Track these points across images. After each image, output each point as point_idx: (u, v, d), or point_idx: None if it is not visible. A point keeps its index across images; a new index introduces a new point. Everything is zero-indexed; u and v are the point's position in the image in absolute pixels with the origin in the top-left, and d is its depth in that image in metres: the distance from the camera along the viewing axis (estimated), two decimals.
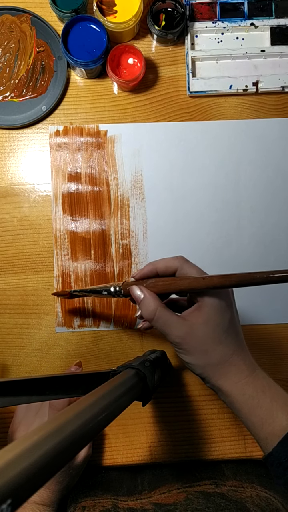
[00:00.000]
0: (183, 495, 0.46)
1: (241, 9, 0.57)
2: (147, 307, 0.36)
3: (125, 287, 0.40)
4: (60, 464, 0.22)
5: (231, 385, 0.36)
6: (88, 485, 0.51)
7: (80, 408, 0.27)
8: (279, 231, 0.58)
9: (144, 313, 0.37)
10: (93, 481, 0.52)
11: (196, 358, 0.36)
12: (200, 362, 0.36)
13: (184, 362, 0.38)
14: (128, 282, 0.40)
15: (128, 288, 0.39)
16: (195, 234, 0.58)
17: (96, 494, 0.49)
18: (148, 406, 0.56)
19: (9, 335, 0.57)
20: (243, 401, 0.35)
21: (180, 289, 0.36)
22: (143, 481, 0.53)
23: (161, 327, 0.36)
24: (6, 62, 0.56)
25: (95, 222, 0.58)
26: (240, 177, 0.58)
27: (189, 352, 0.36)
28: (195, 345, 0.36)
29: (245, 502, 0.44)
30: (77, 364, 0.53)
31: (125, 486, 0.51)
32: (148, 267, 0.38)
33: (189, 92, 0.57)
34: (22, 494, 0.19)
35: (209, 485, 0.49)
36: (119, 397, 0.31)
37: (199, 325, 0.35)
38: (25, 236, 0.57)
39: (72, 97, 0.58)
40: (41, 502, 0.44)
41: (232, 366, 0.36)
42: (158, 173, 0.58)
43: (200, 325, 0.35)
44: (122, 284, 0.41)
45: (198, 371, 0.37)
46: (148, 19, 0.55)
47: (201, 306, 0.36)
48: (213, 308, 0.35)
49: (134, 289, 0.38)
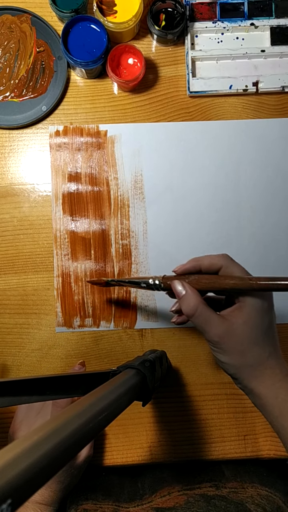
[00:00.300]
0: (183, 498, 0.46)
1: (241, 9, 0.57)
2: (188, 303, 0.36)
3: (165, 281, 0.39)
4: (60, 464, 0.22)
5: (264, 387, 0.35)
6: (89, 487, 0.51)
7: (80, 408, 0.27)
8: (279, 231, 0.58)
9: (185, 309, 0.36)
10: (94, 484, 0.52)
11: (232, 358, 0.36)
12: (235, 362, 0.36)
13: (218, 361, 0.37)
14: (169, 276, 0.40)
15: (169, 282, 0.39)
16: (195, 234, 0.58)
17: (97, 498, 0.49)
18: (148, 406, 0.56)
19: (9, 335, 0.57)
20: (275, 404, 0.35)
21: (224, 288, 0.36)
22: (144, 484, 0.53)
23: (201, 324, 0.36)
24: (6, 62, 0.56)
25: (95, 222, 0.58)
26: (240, 177, 0.58)
27: (226, 352, 0.36)
28: (233, 345, 0.35)
29: (246, 502, 0.44)
30: (80, 363, 0.53)
31: (126, 492, 0.51)
32: (191, 262, 0.38)
33: (189, 92, 0.57)
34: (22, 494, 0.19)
35: (209, 488, 0.49)
36: (119, 397, 0.31)
37: (238, 325, 0.35)
38: (25, 236, 0.57)
39: (72, 97, 0.58)
40: (42, 502, 0.44)
41: (267, 368, 0.35)
42: (158, 173, 0.58)
43: (239, 325, 0.35)
44: (163, 277, 0.40)
45: (232, 371, 0.37)
46: (148, 19, 0.55)
47: (242, 306, 0.35)
48: (254, 309, 0.35)
49: (176, 284, 0.37)
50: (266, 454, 0.55)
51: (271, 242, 0.58)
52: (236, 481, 0.51)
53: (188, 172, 0.58)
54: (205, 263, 0.37)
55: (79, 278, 0.57)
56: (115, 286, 0.54)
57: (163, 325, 0.57)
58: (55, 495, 0.45)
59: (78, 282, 0.57)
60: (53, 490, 0.45)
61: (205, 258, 0.37)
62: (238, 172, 0.58)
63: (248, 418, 0.56)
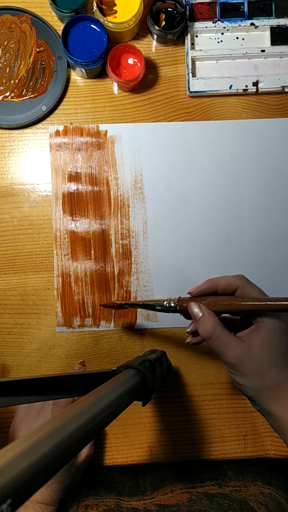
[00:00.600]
0: (186, 496, 0.46)
1: (241, 9, 0.57)
2: (205, 325, 0.36)
3: (181, 303, 0.39)
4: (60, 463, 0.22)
5: (283, 410, 0.35)
6: (90, 484, 0.51)
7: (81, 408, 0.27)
8: (279, 231, 0.58)
9: (202, 331, 0.36)
10: (95, 480, 0.53)
11: (250, 381, 0.35)
12: (253, 385, 0.35)
13: (236, 383, 0.37)
14: (184, 298, 0.39)
15: (185, 304, 0.38)
16: (195, 234, 0.58)
17: (98, 494, 0.49)
18: (148, 406, 0.56)
19: (9, 335, 0.57)
20: None
21: (242, 310, 0.36)
22: (145, 482, 0.53)
23: (218, 347, 0.35)
24: (6, 62, 0.56)
25: (95, 222, 0.58)
26: (240, 177, 0.58)
27: (244, 374, 0.35)
28: (251, 367, 0.35)
29: (249, 501, 0.44)
30: (80, 363, 0.53)
31: (128, 487, 0.52)
32: (207, 283, 0.38)
33: (189, 92, 0.57)
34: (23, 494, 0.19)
35: (212, 486, 0.49)
36: (119, 397, 0.31)
37: (257, 346, 0.34)
38: (25, 236, 0.57)
39: (72, 97, 0.58)
40: (43, 501, 0.44)
41: (285, 391, 0.35)
42: (158, 173, 0.58)
43: (257, 347, 0.34)
44: (178, 299, 0.40)
45: (250, 393, 0.36)
46: (148, 19, 0.55)
47: (260, 327, 0.35)
48: (272, 330, 0.35)
49: (193, 306, 0.37)
50: (266, 454, 0.55)
51: (271, 242, 0.58)
52: (238, 480, 0.51)
53: (188, 172, 0.58)
54: (221, 284, 0.37)
55: (79, 278, 0.57)
56: (129, 308, 0.54)
57: (163, 325, 0.57)
58: (56, 495, 0.45)
59: (78, 282, 0.57)
60: (53, 489, 0.45)
61: (221, 279, 0.37)
62: (238, 172, 0.58)
63: (248, 418, 0.56)
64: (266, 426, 0.56)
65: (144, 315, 0.57)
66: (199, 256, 0.57)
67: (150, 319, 0.57)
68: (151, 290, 0.57)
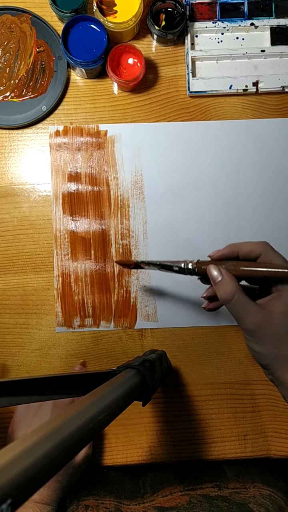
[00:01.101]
0: (185, 498, 0.46)
1: (241, 9, 0.57)
2: (225, 289, 0.35)
3: (200, 266, 0.38)
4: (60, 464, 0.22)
5: None
6: (90, 483, 0.51)
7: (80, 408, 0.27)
8: (279, 231, 0.58)
9: (221, 294, 0.35)
10: (95, 480, 0.53)
11: (266, 348, 0.35)
12: (270, 353, 0.35)
13: (251, 350, 0.36)
14: (203, 261, 0.38)
15: (204, 267, 0.37)
16: (195, 234, 0.58)
17: (99, 494, 0.49)
18: (148, 406, 0.56)
19: (9, 335, 0.57)
20: None
21: (264, 276, 0.34)
22: (145, 483, 0.53)
23: (237, 311, 0.35)
24: (6, 62, 0.56)
25: (95, 222, 0.58)
26: (240, 177, 0.58)
27: (261, 341, 0.35)
28: (269, 335, 0.34)
29: (248, 503, 0.44)
30: (81, 363, 0.53)
31: (127, 489, 0.51)
32: (229, 248, 0.37)
33: (189, 92, 0.57)
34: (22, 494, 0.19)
35: (211, 488, 0.49)
36: (119, 397, 0.31)
37: (276, 314, 0.34)
38: (25, 236, 0.57)
39: (72, 97, 0.58)
40: (42, 501, 0.44)
41: None
42: (158, 173, 0.58)
43: (277, 315, 0.34)
44: (197, 262, 0.39)
45: (265, 361, 0.36)
46: (148, 19, 0.55)
47: (281, 296, 0.34)
48: None
49: (212, 268, 0.36)
50: (267, 454, 0.55)
51: (271, 242, 0.57)
52: (238, 482, 0.51)
53: (188, 172, 0.58)
54: (244, 249, 0.36)
55: (79, 278, 0.57)
56: (144, 268, 0.51)
57: (163, 325, 0.57)
58: (54, 495, 0.45)
59: (78, 282, 0.57)
60: (52, 489, 0.45)
61: (244, 245, 0.36)
62: (238, 172, 0.58)
63: (248, 418, 0.56)
64: (266, 426, 0.56)
65: (144, 315, 0.57)
66: (199, 256, 0.57)
67: (150, 319, 0.57)
68: (151, 290, 0.57)
